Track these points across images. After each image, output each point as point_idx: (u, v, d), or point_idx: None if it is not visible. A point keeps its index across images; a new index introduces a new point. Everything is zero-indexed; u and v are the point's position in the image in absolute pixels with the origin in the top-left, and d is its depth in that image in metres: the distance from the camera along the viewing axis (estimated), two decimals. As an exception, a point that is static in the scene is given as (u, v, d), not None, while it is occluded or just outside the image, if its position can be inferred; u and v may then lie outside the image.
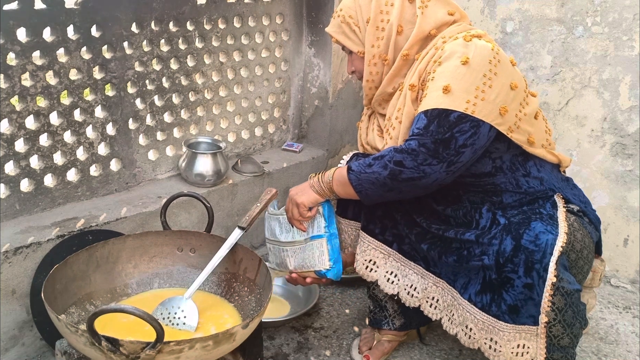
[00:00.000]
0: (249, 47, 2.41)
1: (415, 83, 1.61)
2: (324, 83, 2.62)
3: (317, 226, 1.74)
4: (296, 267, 1.77)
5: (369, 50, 1.68)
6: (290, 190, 1.74)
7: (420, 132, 1.50)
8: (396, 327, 1.88)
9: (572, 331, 1.48)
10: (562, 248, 1.43)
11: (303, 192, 1.70)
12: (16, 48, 1.75)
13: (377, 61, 1.69)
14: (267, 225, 1.86)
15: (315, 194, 1.69)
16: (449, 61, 1.52)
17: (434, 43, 1.62)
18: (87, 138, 2.00)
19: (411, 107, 1.61)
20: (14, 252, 1.72)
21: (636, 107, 2.25)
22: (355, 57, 1.74)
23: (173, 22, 2.13)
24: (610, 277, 2.41)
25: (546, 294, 1.42)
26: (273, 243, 1.84)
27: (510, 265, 1.46)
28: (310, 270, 1.75)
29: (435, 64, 1.56)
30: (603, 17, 2.25)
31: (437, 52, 1.58)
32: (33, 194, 1.90)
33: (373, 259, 1.75)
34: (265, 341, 1.94)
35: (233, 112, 2.43)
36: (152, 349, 1.20)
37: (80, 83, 1.93)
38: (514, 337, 1.49)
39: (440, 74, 1.52)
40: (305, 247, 1.75)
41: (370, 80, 1.72)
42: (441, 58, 1.55)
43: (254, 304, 1.60)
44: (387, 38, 1.65)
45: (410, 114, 1.61)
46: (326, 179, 1.66)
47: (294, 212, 1.72)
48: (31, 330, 1.79)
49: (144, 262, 1.70)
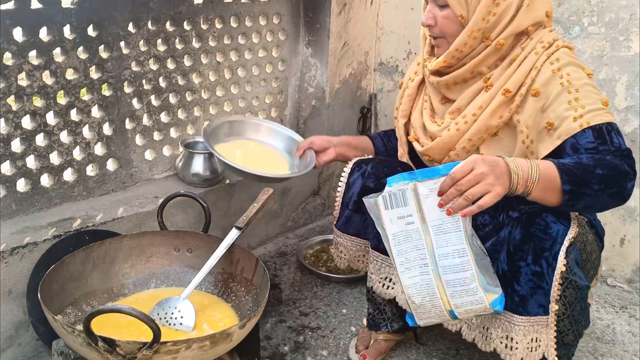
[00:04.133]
0: (246, 47, 2.41)
1: (512, 89, 1.51)
2: (321, 83, 2.62)
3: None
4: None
5: (477, 21, 1.51)
6: (479, 162, 1.32)
7: (620, 145, 1.44)
8: (394, 329, 1.87)
9: (577, 328, 1.47)
10: (573, 239, 1.40)
11: (501, 178, 1.33)
12: (12, 48, 1.75)
13: (478, 36, 1.53)
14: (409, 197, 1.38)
15: (508, 187, 1.34)
16: (579, 73, 1.49)
17: (533, 46, 1.53)
18: (83, 138, 1.99)
19: (498, 109, 1.53)
20: (10, 252, 1.71)
21: (632, 107, 2.25)
22: (449, 15, 1.54)
23: (170, 22, 2.13)
24: (607, 276, 2.41)
25: (555, 283, 1.39)
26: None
27: (519, 254, 1.43)
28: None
29: (548, 75, 1.49)
30: (600, 17, 2.26)
31: (540, 59, 1.50)
32: (29, 194, 1.90)
33: (388, 275, 1.69)
34: (262, 341, 1.94)
35: (230, 112, 2.43)
36: (149, 349, 1.20)
37: (77, 83, 1.92)
38: (528, 331, 1.45)
39: (584, 85, 1.47)
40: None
41: (458, 51, 1.55)
42: (564, 71, 1.48)
43: (251, 304, 1.60)
44: (500, 17, 1.51)
45: (495, 116, 1.53)
46: (529, 175, 1.35)
47: (485, 199, 1.31)
48: (27, 331, 1.79)
49: (141, 262, 1.69)
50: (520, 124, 1.52)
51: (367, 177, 1.70)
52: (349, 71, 2.70)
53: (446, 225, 1.37)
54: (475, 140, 1.58)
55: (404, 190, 1.37)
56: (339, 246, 1.79)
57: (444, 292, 1.41)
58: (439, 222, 1.37)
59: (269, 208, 2.49)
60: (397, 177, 1.38)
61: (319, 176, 2.73)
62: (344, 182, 1.74)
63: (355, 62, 2.72)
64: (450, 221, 1.36)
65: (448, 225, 1.36)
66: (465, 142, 1.58)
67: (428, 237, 1.38)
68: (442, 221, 1.36)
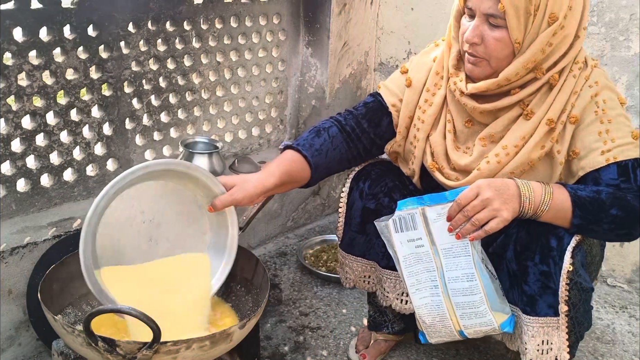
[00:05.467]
0: (246, 47, 2.41)
1: (554, 118, 1.42)
2: (321, 83, 2.62)
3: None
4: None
5: (535, 52, 1.37)
6: (484, 188, 1.34)
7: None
8: (395, 331, 1.87)
9: (579, 330, 1.46)
10: (579, 239, 1.39)
11: (508, 202, 1.34)
12: (12, 48, 1.75)
13: (531, 67, 1.40)
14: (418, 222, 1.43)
15: (518, 211, 1.35)
16: (614, 102, 1.43)
17: (569, 68, 1.43)
18: (83, 138, 1.99)
19: (540, 141, 1.43)
20: (10, 252, 1.71)
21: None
22: (503, 38, 1.37)
23: (170, 22, 2.13)
24: (607, 276, 2.41)
25: (562, 283, 1.38)
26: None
27: (527, 253, 1.42)
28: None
29: (586, 101, 1.43)
30: (600, 17, 2.26)
31: (579, 82, 1.43)
32: (29, 194, 1.90)
33: (405, 290, 1.65)
34: (262, 341, 1.94)
35: (230, 112, 2.43)
36: (149, 349, 1.20)
37: (77, 83, 1.92)
38: (537, 333, 1.43)
39: (617, 117, 1.42)
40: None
41: (506, 80, 1.41)
42: (601, 98, 1.43)
43: (251, 304, 1.60)
44: (555, 48, 1.39)
45: (537, 148, 1.43)
46: (541, 202, 1.36)
47: (491, 224, 1.33)
48: (27, 331, 1.79)
49: (141, 262, 1.69)
50: (559, 155, 1.45)
51: (365, 199, 1.65)
52: (349, 71, 2.70)
53: (455, 249, 1.41)
54: (517, 173, 1.47)
55: (413, 215, 1.42)
56: (345, 267, 1.74)
57: (454, 314, 1.45)
58: (449, 246, 1.41)
59: (269, 208, 2.49)
60: (406, 201, 1.43)
61: (319, 176, 2.73)
62: (344, 203, 1.70)
63: (355, 62, 2.72)
64: (460, 245, 1.40)
65: (457, 249, 1.41)
66: (506, 175, 1.46)
67: (438, 259, 1.43)
68: (452, 245, 1.41)
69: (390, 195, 1.63)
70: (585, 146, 1.43)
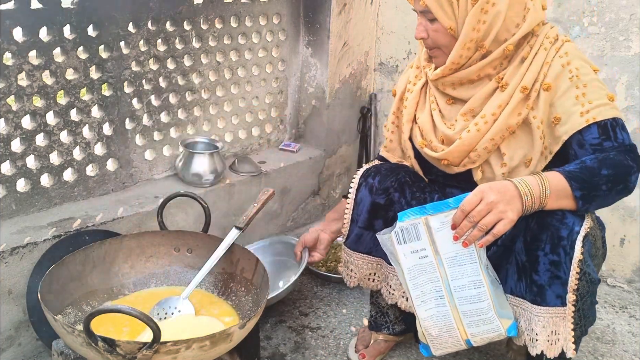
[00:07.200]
0: (246, 47, 2.41)
1: (528, 86, 1.51)
2: (320, 83, 2.62)
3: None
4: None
5: (468, 33, 1.49)
6: (487, 191, 1.37)
7: (624, 141, 1.47)
8: (396, 332, 1.87)
9: (584, 323, 1.47)
10: (588, 229, 1.41)
11: (511, 203, 1.36)
12: (12, 48, 1.75)
13: (472, 46, 1.51)
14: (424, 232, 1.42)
15: (521, 210, 1.38)
16: (586, 68, 1.51)
17: (541, 42, 1.53)
18: (83, 138, 1.99)
19: (516, 107, 1.51)
20: (10, 252, 1.71)
21: (633, 107, 2.25)
22: (439, 29, 1.53)
23: (170, 22, 2.13)
24: (607, 276, 2.41)
25: (573, 272, 1.39)
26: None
27: (537, 243, 1.43)
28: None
29: (558, 70, 1.50)
30: (600, 17, 2.25)
31: (550, 54, 1.51)
32: (29, 194, 1.90)
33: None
34: (262, 341, 1.94)
35: (230, 112, 2.43)
36: (149, 349, 1.20)
37: (77, 83, 1.92)
38: (547, 323, 1.43)
39: (591, 81, 1.49)
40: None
41: (456, 63, 1.54)
42: (573, 66, 1.50)
43: (251, 304, 1.60)
44: (490, 25, 1.49)
45: (514, 114, 1.52)
46: (541, 192, 1.38)
47: (499, 227, 1.35)
48: (27, 331, 1.79)
49: (141, 262, 1.69)
50: (536, 120, 1.52)
51: (375, 193, 1.64)
52: (349, 71, 2.70)
53: (460, 257, 1.41)
54: (497, 140, 1.54)
55: (416, 225, 1.41)
56: (349, 265, 1.73)
57: (461, 323, 1.45)
58: (453, 255, 1.41)
59: (269, 208, 2.49)
60: (408, 211, 1.43)
61: (319, 176, 2.73)
62: (352, 199, 1.69)
63: (355, 62, 2.72)
64: (465, 253, 1.40)
65: (463, 257, 1.41)
66: (487, 142, 1.54)
67: (442, 269, 1.43)
68: (457, 253, 1.41)
69: (401, 190, 1.64)
70: (565, 111, 1.49)
